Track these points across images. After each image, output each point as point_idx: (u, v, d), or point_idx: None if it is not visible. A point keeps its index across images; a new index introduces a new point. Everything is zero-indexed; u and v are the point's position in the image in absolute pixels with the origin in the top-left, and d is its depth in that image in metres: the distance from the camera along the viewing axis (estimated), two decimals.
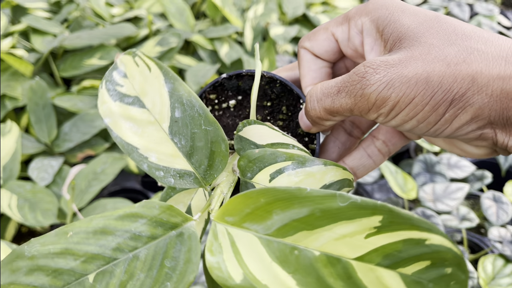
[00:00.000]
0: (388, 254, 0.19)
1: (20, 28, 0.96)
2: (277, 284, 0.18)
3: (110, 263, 0.21)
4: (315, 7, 1.13)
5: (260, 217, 0.20)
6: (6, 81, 0.84)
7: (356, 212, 0.19)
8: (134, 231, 0.21)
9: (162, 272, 0.20)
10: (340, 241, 0.19)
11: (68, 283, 0.20)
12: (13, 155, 0.72)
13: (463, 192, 0.74)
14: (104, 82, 0.26)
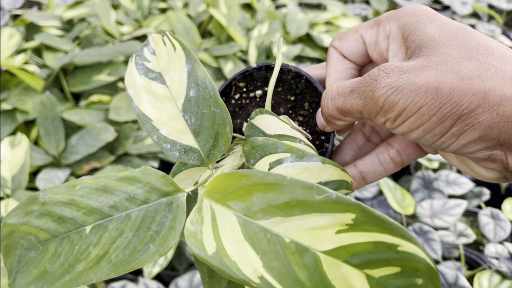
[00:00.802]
0: (357, 253, 0.18)
1: (33, 45, 1.00)
2: (245, 262, 0.19)
3: (105, 219, 0.23)
4: (319, 27, 1.16)
5: (241, 198, 0.21)
6: (18, 95, 0.88)
7: (330, 207, 0.19)
8: (130, 193, 0.23)
9: (148, 234, 0.22)
10: (311, 232, 0.19)
11: (69, 230, 0.23)
12: (22, 166, 0.75)
13: (461, 208, 0.74)
14: (135, 56, 0.28)
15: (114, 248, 0.22)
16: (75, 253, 0.22)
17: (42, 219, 0.23)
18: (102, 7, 1.07)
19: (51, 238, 0.23)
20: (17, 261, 0.23)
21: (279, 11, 1.20)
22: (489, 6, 1.38)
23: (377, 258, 0.18)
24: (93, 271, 0.21)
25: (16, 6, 1.39)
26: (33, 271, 0.22)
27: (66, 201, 0.23)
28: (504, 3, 1.33)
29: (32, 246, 0.23)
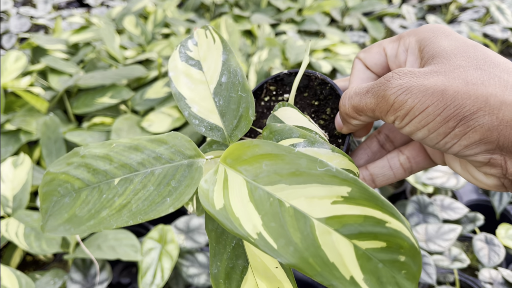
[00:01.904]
0: (348, 224, 0.20)
1: (39, 67, 1.03)
2: (247, 219, 0.21)
3: (133, 173, 0.26)
4: (317, 54, 1.19)
5: (252, 165, 0.23)
6: (22, 116, 0.90)
7: (329, 179, 0.20)
8: (158, 153, 0.26)
9: (167, 189, 0.25)
10: (309, 200, 0.20)
11: (100, 181, 0.26)
12: (23, 186, 0.76)
13: (456, 233, 0.75)
14: (179, 46, 0.32)
15: (136, 199, 0.24)
16: (102, 201, 0.25)
17: (79, 170, 0.26)
18: (107, 32, 1.11)
19: (84, 187, 0.26)
20: (52, 206, 0.25)
21: (279, 38, 1.23)
22: (484, 35, 1.42)
23: (366, 231, 0.19)
24: (114, 217, 0.24)
25: (23, 29, 1.43)
26: (64, 215, 0.25)
27: (102, 155, 0.26)
28: (499, 32, 1.37)
29: (67, 193, 0.26)
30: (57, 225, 0.25)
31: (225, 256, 0.26)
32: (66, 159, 0.27)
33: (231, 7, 1.48)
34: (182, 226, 0.78)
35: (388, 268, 0.19)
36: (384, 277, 0.19)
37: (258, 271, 0.25)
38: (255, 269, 0.25)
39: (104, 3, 1.70)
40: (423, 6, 1.64)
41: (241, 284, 0.25)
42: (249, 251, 0.26)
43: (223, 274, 0.25)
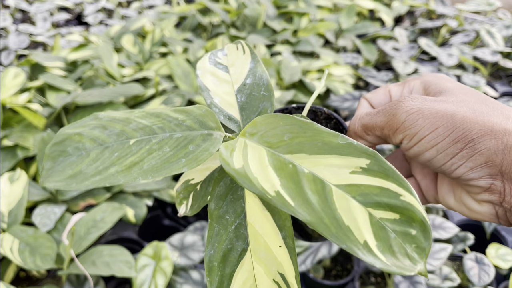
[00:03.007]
0: (365, 193, 0.20)
1: (37, 84, 1.04)
2: (265, 179, 0.21)
3: (151, 135, 0.26)
4: (311, 74, 1.21)
5: (273, 136, 0.23)
6: (19, 132, 0.91)
7: (349, 151, 0.21)
8: (179, 120, 0.27)
9: (183, 152, 0.25)
10: (328, 168, 0.21)
11: (114, 141, 0.25)
12: (19, 201, 0.77)
13: (446, 252, 0.76)
14: (209, 54, 0.34)
15: (149, 159, 0.24)
16: (112, 159, 0.24)
17: (95, 130, 0.26)
18: (105, 50, 1.12)
19: (96, 146, 0.25)
20: (56, 164, 0.25)
21: (274, 59, 1.26)
22: (474, 58, 1.45)
23: (381, 201, 0.20)
24: (123, 174, 0.23)
25: (22, 46, 1.45)
26: (68, 171, 0.24)
27: (121, 119, 0.26)
28: (489, 55, 1.40)
29: (76, 152, 0.25)
30: (58, 179, 0.24)
31: (225, 236, 0.25)
32: (83, 121, 0.27)
33: (227, 27, 1.51)
34: (176, 243, 0.78)
35: (400, 239, 0.20)
36: (396, 247, 0.19)
37: (258, 254, 0.24)
38: (254, 252, 0.24)
39: (102, 22, 1.73)
40: (415, 29, 1.68)
41: (236, 268, 0.24)
42: (251, 232, 0.25)
43: (219, 256, 0.25)
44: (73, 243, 0.72)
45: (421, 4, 1.77)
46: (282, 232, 0.24)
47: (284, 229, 0.24)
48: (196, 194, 0.30)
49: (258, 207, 0.25)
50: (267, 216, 0.25)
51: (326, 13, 1.69)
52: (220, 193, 0.26)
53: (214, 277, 0.24)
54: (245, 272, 0.24)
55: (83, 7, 1.91)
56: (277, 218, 0.25)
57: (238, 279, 0.24)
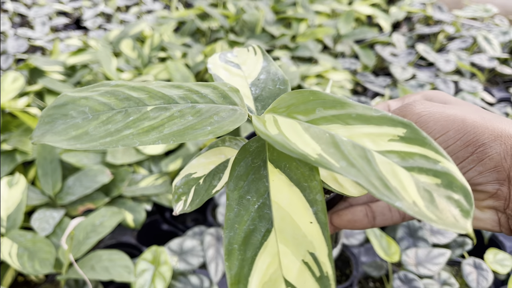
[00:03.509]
0: (405, 159, 0.20)
1: (36, 88, 1.04)
2: (305, 145, 0.21)
3: (171, 104, 0.24)
4: (310, 79, 1.22)
5: (304, 112, 0.23)
6: (18, 136, 0.91)
7: (385, 121, 0.22)
8: (203, 93, 0.26)
9: (208, 121, 0.24)
10: (367, 136, 0.21)
11: (129, 106, 0.24)
12: (18, 205, 0.77)
13: (445, 257, 0.77)
14: (219, 54, 0.34)
15: (170, 124, 0.23)
16: (127, 122, 0.23)
17: (105, 96, 0.24)
18: (104, 54, 1.13)
19: (107, 110, 0.23)
20: (55, 126, 0.22)
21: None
22: (472, 64, 1.46)
23: (422, 166, 0.20)
24: (139, 137, 0.22)
25: (21, 50, 1.45)
26: (70, 133, 0.22)
27: (138, 87, 0.25)
28: (486, 61, 1.41)
29: (81, 115, 0.23)
30: (58, 139, 0.22)
31: (246, 217, 0.23)
32: (91, 87, 0.25)
33: (226, 32, 1.51)
34: (175, 247, 0.78)
35: (445, 202, 0.19)
36: (443, 209, 0.19)
37: (284, 233, 0.22)
38: (280, 232, 0.23)
39: (101, 26, 1.73)
40: (413, 35, 1.69)
41: (258, 251, 0.22)
42: (276, 210, 0.23)
43: (240, 238, 0.23)
44: (72, 247, 0.71)
45: (418, 10, 1.79)
46: (313, 207, 0.23)
47: (316, 204, 0.23)
48: (199, 188, 0.28)
49: (284, 184, 0.24)
50: (296, 192, 0.23)
51: (325, 19, 1.70)
52: (241, 173, 0.25)
53: (234, 262, 0.22)
54: (269, 255, 0.22)
55: (81, 11, 1.92)
56: (308, 193, 0.23)
57: (261, 263, 0.22)
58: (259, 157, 0.25)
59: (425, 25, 1.81)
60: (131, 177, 0.90)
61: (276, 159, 0.25)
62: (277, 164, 0.25)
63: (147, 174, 0.92)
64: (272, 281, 0.22)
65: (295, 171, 0.24)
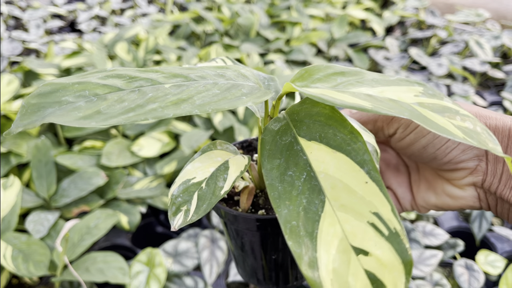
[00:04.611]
0: (435, 108, 0.22)
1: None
2: (348, 99, 0.21)
3: (190, 81, 0.23)
4: None
5: (326, 81, 0.23)
6: (13, 138, 0.91)
7: (403, 83, 0.23)
8: (219, 72, 0.25)
9: (239, 92, 0.23)
10: (396, 94, 0.22)
11: (141, 86, 0.22)
12: (12, 208, 0.77)
13: (437, 259, 0.78)
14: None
15: (200, 97, 0.22)
16: (147, 98, 0.21)
17: (108, 79, 0.22)
18: (99, 57, 1.13)
19: (115, 92, 0.22)
20: (46, 113, 0.20)
21: (267, 67, 1.27)
22: (464, 68, 1.48)
23: (450, 111, 0.22)
24: (170, 109, 0.20)
25: (15, 53, 1.45)
26: (76, 115, 0.20)
27: (145, 69, 0.23)
28: (478, 65, 1.43)
29: (82, 99, 0.21)
30: (64, 121, 0.20)
31: (295, 192, 0.22)
32: (81, 75, 0.23)
33: (221, 36, 1.52)
34: (170, 249, 0.78)
35: (476, 136, 0.21)
36: (480, 140, 0.21)
37: (339, 201, 0.22)
38: (334, 200, 0.22)
39: (96, 29, 1.73)
40: (406, 39, 1.70)
41: (318, 225, 0.21)
42: (324, 179, 0.22)
43: (295, 213, 0.22)
44: (67, 249, 0.72)
45: (411, 14, 1.81)
46: (364, 168, 0.22)
47: (366, 164, 0.22)
48: (203, 193, 0.27)
49: (325, 152, 0.23)
50: (341, 157, 0.23)
51: (319, 23, 1.71)
52: (273, 152, 0.24)
53: (297, 239, 0.21)
54: (330, 226, 0.21)
55: (76, 14, 1.92)
56: (354, 155, 0.23)
57: (324, 236, 0.21)
58: (287, 135, 0.25)
59: (418, 30, 1.83)
60: (126, 179, 0.90)
61: (306, 133, 0.24)
62: (310, 137, 0.24)
63: (142, 177, 0.92)
64: (341, 253, 0.21)
65: (333, 138, 0.23)
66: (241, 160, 0.29)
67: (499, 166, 0.27)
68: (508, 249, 0.88)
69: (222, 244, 0.79)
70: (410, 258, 0.20)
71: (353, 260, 0.21)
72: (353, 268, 0.20)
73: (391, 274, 0.20)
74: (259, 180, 0.33)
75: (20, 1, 1.97)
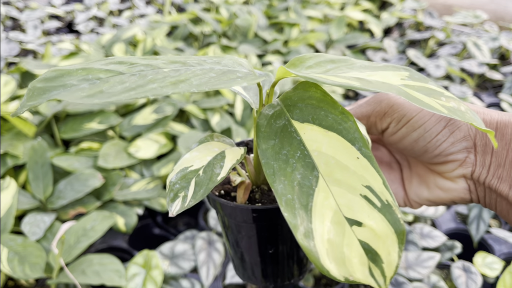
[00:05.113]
0: (421, 90, 0.23)
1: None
2: (339, 79, 0.22)
3: (188, 66, 0.24)
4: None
5: (317, 67, 0.25)
6: (9, 140, 0.90)
7: (390, 68, 0.25)
8: (215, 60, 0.26)
9: (235, 75, 0.24)
10: (383, 77, 0.23)
11: (142, 70, 0.23)
12: (8, 209, 0.76)
13: (435, 261, 0.77)
14: None
15: (197, 78, 0.22)
16: (147, 80, 0.22)
17: (110, 65, 0.23)
18: (96, 58, 1.13)
19: (117, 75, 0.22)
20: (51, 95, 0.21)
21: (265, 68, 1.27)
22: (461, 70, 1.48)
23: (435, 94, 0.23)
24: (169, 87, 0.21)
25: (12, 54, 1.44)
26: (80, 94, 0.21)
27: (145, 57, 0.25)
28: (475, 67, 1.43)
29: (86, 82, 0.22)
30: (71, 98, 0.21)
31: (289, 169, 0.23)
32: (83, 63, 0.24)
33: (219, 37, 1.52)
34: (167, 251, 0.78)
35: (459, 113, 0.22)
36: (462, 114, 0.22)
37: (332, 176, 0.23)
38: (328, 175, 0.23)
39: (94, 30, 1.73)
40: (404, 41, 1.70)
41: (312, 199, 0.22)
42: (318, 157, 0.24)
43: (290, 188, 0.23)
44: (63, 252, 0.71)
45: (409, 16, 1.81)
46: (355, 145, 0.23)
47: (357, 141, 0.23)
48: (200, 179, 0.28)
49: (318, 132, 0.24)
50: (333, 136, 0.24)
51: (317, 24, 1.71)
52: (267, 134, 0.25)
53: (293, 211, 0.22)
54: (324, 200, 0.22)
55: (74, 15, 1.91)
56: (345, 134, 0.24)
57: (319, 209, 0.22)
58: (281, 118, 0.26)
59: (416, 31, 1.83)
60: (122, 181, 0.89)
61: (299, 116, 0.26)
62: (303, 120, 0.25)
63: (139, 178, 0.92)
64: (335, 224, 0.22)
65: (325, 119, 0.25)
66: (237, 151, 0.30)
67: (487, 157, 0.29)
68: (506, 251, 0.88)
69: (219, 246, 0.79)
70: (402, 228, 0.21)
71: (347, 231, 0.22)
72: (348, 239, 0.22)
73: (384, 244, 0.21)
74: (256, 175, 0.33)
75: (18, 1, 1.97)
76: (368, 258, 0.22)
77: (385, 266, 0.21)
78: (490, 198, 0.30)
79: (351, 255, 0.21)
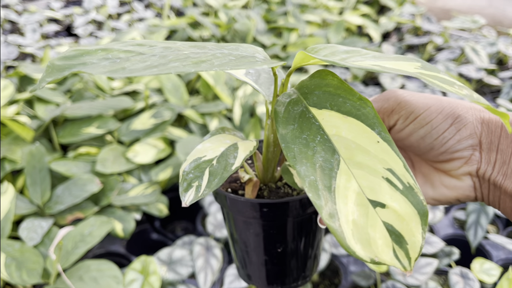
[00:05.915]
0: (436, 78, 0.23)
1: (26, 96, 1.04)
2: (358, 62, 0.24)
3: (206, 50, 0.25)
4: None
5: (334, 56, 0.26)
6: (7, 145, 0.90)
7: (401, 59, 0.25)
8: (231, 48, 0.26)
9: (254, 58, 0.25)
10: (398, 65, 0.24)
11: (162, 51, 0.23)
12: (6, 215, 0.76)
13: (432, 267, 0.77)
14: None
15: (218, 60, 0.23)
16: (168, 59, 0.22)
17: (129, 47, 0.23)
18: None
19: (136, 55, 0.23)
20: (71, 71, 0.21)
21: None
22: (459, 75, 1.48)
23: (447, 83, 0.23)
24: (190, 66, 0.21)
25: (11, 57, 1.44)
26: (101, 70, 0.21)
27: (161, 41, 0.25)
28: (473, 72, 1.43)
29: (106, 60, 0.22)
30: (95, 72, 0.21)
31: (310, 152, 0.24)
32: (101, 45, 0.24)
33: (218, 41, 1.52)
34: (164, 257, 0.78)
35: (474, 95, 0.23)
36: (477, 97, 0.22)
37: (353, 159, 0.23)
38: (348, 159, 0.23)
39: (92, 34, 1.73)
40: (402, 46, 1.71)
41: (335, 182, 0.23)
42: (338, 141, 0.24)
43: (313, 169, 0.23)
44: (60, 257, 0.71)
45: (408, 21, 1.81)
46: (375, 129, 0.24)
47: (376, 126, 0.24)
48: (214, 169, 0.28)
49: (337, 118, 0.25)
50: (352, 121, 0.24)
51: (315, 29, 1.72)
52: (286, 119, 0.26)
53: (317, 192, 0.22)
54: (347, 182, 0.23)
55: (72, 19, 1.91)
56: (364, 119, 0.24)
57: (342, 191, 0.22)
58: (298, 105, 0.27)
59: (414, 36, 1.84)
60: (120, 186, 0.89)
61: (317, 102, 0.26)
62: (321, 106, 0.26)
63: (137, 183, 0.92)
64: (359, 206, 0.22)
65: (343, 105, 0.25)
66: (249, 143, 0.31)
67: (492, 155, 0.29)
68: (504, 257, 0.88)
69: (217, 252, 0.79)
70: (425, 209, 0.22)
71: (371, 213, 0.22)
72: (372, 220, 0.22)
73: (408, 225, 0.22)
74: (264, 172, 0.34)
75: (17, 5, 1.97)
76: (392, 239, 0.22)
77: (410, 248, 0.22)
78: (493, 195, 0.30)
79: (376, 237, 0.22)
